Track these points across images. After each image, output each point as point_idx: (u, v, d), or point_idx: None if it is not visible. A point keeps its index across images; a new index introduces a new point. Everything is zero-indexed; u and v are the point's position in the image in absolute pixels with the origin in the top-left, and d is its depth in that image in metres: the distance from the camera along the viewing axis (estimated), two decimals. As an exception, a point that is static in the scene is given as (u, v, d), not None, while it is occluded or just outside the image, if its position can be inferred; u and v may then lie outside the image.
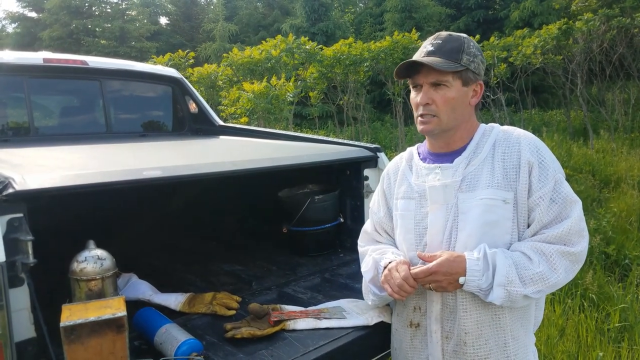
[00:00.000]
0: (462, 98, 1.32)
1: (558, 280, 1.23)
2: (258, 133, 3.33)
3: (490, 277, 1.22)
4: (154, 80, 3.52)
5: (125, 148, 2.59)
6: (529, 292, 1.22)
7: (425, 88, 1.31)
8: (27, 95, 3.13)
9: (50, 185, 1.43)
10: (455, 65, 1.28)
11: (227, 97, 6.31)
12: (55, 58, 3.07)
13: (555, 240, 1.23)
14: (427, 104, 1.31)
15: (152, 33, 17.43)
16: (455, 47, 1.30)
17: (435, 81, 1.29)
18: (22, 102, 3.12)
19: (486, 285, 1.22)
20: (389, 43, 7.32)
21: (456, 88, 1.30)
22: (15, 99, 3.20)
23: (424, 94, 1.31)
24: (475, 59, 1.32)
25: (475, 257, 1.23)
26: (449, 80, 1.29)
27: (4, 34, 19.95)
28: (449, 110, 1.30)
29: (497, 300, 1.22)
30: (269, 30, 17.36)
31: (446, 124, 1.32)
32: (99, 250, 1.43)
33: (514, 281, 1.21)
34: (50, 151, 2.38)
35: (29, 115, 3.09)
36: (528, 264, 1.22)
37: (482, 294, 1.24)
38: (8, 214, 1.35)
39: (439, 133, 1.35)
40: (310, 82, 7.17)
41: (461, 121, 1.34)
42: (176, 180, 1.80)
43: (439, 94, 1.30)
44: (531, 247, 1.24)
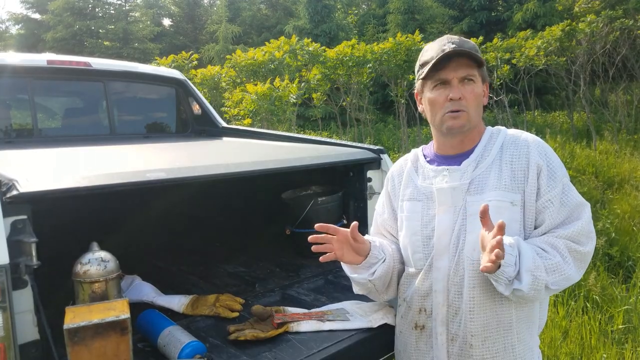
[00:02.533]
0: (482, 95, 1.34)
1: (571, 273, 1.22)
2: (261, 135, 3.33)
3: (517, 264, 1.18)
4: (158, 81, 3.53)
5: (129, 150, 2.60)
6: (550, 281, 1.20)
7: (454, 83, 1.30)
8: (30, 97, 3.14)
9: (54, 187, 1.43)
10: (481, 60, 1.30)
11: (230, 99, 6.32)
12: (59, 60, 3.08)
13: (565, 238, 1.24)
14: (460, 99, 1.29)
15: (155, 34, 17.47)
16: (472, 46, 1.33)
17: (465, 75, 1.29)
18: (26, 103, 3.13)
19: (514, 273, 1.17)
20: (392, 45, 7.31)
21: (479, 84, 1.32)
22: (19, 100, 3.22)
23: (455, 89, 1.29)
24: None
25: (508, 243, 1.18)
26: (475, 75, 1.30)
27: (8, 35, 20.05)
28: (475, 105, 1.32)
29: (525, 287, 1.16)
30: (272, 32, 17.38)
31: (473, 120, 1.32)
32: (102, 252, 1.43)
33: (540, 267, 1.19)
34: (54, 153, 2.39)
35: (32, 117, 3.10)
36: (545, 254, 1.21)
37: (506, 283, 1.18)
38: (12, 215, 1.35)
39: (468, 129, 1.33)
40: (313, 83, 7.17)
41: (480, 119, 1.36)
42: (179, 182, 1.79)
43: (467, 89, 1.30)
44: (543, 240, 1.24)
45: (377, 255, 1.41)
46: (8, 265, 1.30)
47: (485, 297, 1.28)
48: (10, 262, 1.30)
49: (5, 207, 1.33)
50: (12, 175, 1.43)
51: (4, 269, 1.30)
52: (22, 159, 2.15)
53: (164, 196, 2.29)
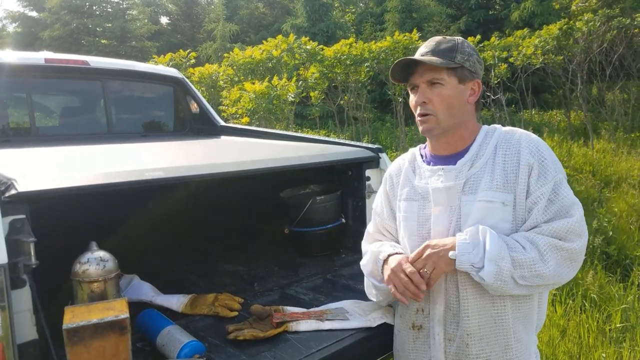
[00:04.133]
0: (458, 96, 1.32)
1: (547, 272, 1.21)
2: (259, 133, 3.33)
3: (481, 251, 1.20)
4: (156, 80, 3.52)
5: (127, 149, 2.59)
6: (517, 274, 1.20)
7: (421, 87, 1.33)
8: (28, 96, 3.13)
9: (52, 187, 1.42)
10: (449, 62, 1.29)
11: (228, 97, 6.31)
12: (57, 58, 3.06)
13: (550, 234, 1.22)
14: (424, 103, 1.33)
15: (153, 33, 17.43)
16: (449, 47, 1.32)
17: (431, 79, 1.31)
18: (23, 102, 3.12)
19: (478, 260, 1.20)
20: (389, 43, 7.31)
21: (451, 86, 1.31)
22: (16, 99, 3.20)
23: (420, 93, 1.33)
24: (471, 57, 1.33)
25: (464, 234, 1.25)
26: (443, 78, 1.30)
27: (5, 34, 19.93)
28: (445, 108, 1.31)
29: (487, 276, 1.19)
30: (269, 30, 17.34)
31: (444, 123, 1.33)
32: (101, 252, 1.43)
33: (505, 258, 1.20)
34: (52, 152, 2.38)
35: (30, 116, 3.09)
36: (519, 248, 1.22)
37: (475, 271, 1.21)
38: (10, 215, 1.35)
39: (439, 133, 1.36)
40: (311, 82, 7.17)
41: (460, 120, 1.34)
42: (178, 181, 1.80)
43: (434, 92, 1.31)
44: (523, 236, 1.24)
45: None
46: (7, 264, 1.30)
47: (480, 297, 1.28)
48: (9, 262, 1.30)
49: (4, 206, 1.32)
50: (11, 175, 1.43)
51: (2, 268, 1.29)
52: (20, 158, 2.14)
53: (162, 195, 2.29)
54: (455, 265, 1.23)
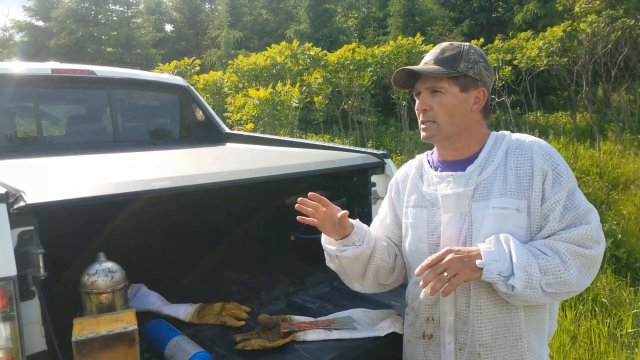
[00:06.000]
0: (460, 104, 1.32)
1: (570, 278, 1.19)
2: (264, 140, 3.33)
3: (507, 259, 1.18)
4: (161, 88, 3.54)
5: (133, 157, 2.60)
6: (544, 282, 1.18)
7: (423, 94, 1.33)
8: (35, 105, 3.15)
9: (60, 198, 1.43)
10: (450, 71, 1.29)
11: (233, 104, 6.33)
12: (63, 68, 3.08)
13: (569, 241, 1.21)
14: (425, 110, 1.33)
15: (157, 40, 17.58)
16: (453, 55, 1.32)
17: (432, 87, 1.31)
18: (30, 112, 3.15)
19: (505, 268, 1.17)
20: (392, 48, 7.32)
21: (453, 94, 1.31)
22: (24, 109, 3.23)
23: (421, 100, 1.34)
24: (476, 65, 1.32)
25: (487, 243, 1.22)
26: (444, 87, 1.30)
27: (12, 43, 20.17)
28: (446, 116, 1.31)
29: (518, 284, 1.16)
30: (273, 36, 17.41)
31: (445, 130, 1.32)
32: (109, 263, 1.43)
33: (532, 264, 1.18)
34: (59, 161, 2.39)
35: (37, 125, 3.11)
36: (543, 255, 1.20)
37: (502, 281, 1.18)
38: (19, 227, 1.35)
39: (440, 140, 1.36)
40: (314, 87, 7.18)
41: (462, 128, 1.34)
42: (184, 191, 1.80)
43: (435, 100, 1.31)
44: (543, 243, 1.23)
45: (355, 241, 1.42)
46: (16, 276, 1.31)
47: (493, 306, 1.26)
48: (18, 274, 1.30)
49: (13, 218, 1.33)
50: (19, 186, 1.44)
51: (11, 280, 1.30)
52: (28, 168, 2.15)
53: (168, 204, 2.29)
54: (482, 274, 1.19)
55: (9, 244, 1.30)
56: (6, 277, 1.29)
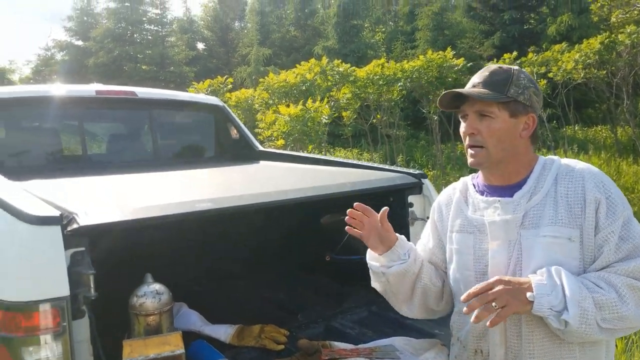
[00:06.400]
0: (510, 130, 1.28)
1: (628, 313, 1.14)
2: (297, 158, 3.36)
3: (560, 292, 1.13)
4: (198, 108, 3.64)
5: (173, 177, 2.67)
6: (600, 317, 1.13)
7: (470, 117, 1.30)
8: (80, 125, 3.28)
9: (110, 220, 1.48)
10: (500, 96, 1.26)
11: (264, 120, 6.43)
12: (107, 90, 3.21)
13: (625, 274, 1.16)
14: (472, 134, 1.29)
15: (190, 58, 18.11)
16: (502, 79, 1.29)
17: (480, 111, 1.28)
18: (76, 132, 3.28)
19: (557, 302, 1.12)
20: (422, 62, 7.30)
21: (502, 119, 1.27)
22: (70, 129, 3.37)
23: (468, 124, 1.30)
24: (526, 90, 1.29)
25: (538, 275, 1.17)
26: (494, 111, 1.27)
27: (53, 62, 21.18)
28: (495, 141, 1.27)
29: (573, 320, 1.11)
30: (300, 52, 17.65)
31: (494, 156, 1.29)
32: (157, 285, 1.47)
33: (587, 298, 1.12)
34: (104, 181, 2.47)
35: (82, 144, 3.24)
36: (598, 289, 1.15)
37: (554, 316, 1.13)
38: (72, 248, 1.40)
39: (489, 166, 1.32)
40: (343, 102, 7.23)
41: (512, 154, 1.30)
42: (225, 212, 1.83)
43: (483, 125, 1.28)
44: (597, 276, 1.17)
45: (400, 254, 1.39)
46: (69, 296, 1.35)
47: (547, 340, 1.21)
48: (70, 294, 1.35)
49: (66, 239, 1.38)
50: (72, 208, 1.49)
51: (65, 300, 1.35)
52: (76, 187, 2.23)
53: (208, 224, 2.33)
54: (533, 308, 1.14)
55: (63, 264, 1.36)
56: (60, 297, 1.34)
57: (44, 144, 3.06)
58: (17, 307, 1.30)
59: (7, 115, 2.91)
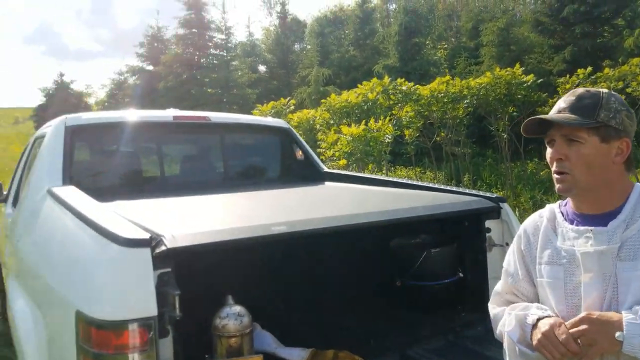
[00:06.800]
0: (600, 156, 1.19)
1: None
2: (363, 179, 3.34)
3: None
4: (266, 131, 3.76)
5: (244, 198, 2.75)
6: None
7: (558, 142, 1.23)
8: (158, 148, 3.49)
9: (195, 243, 1.54)
10: (589, 121, 1.18)
11: (325, 140, 6.49)
12: (183, 115, 3.39)
13: None
14: (560, 160, 1.22)
15: (252, 81, 18.77)
16: (591, 103, 1.20)
17: (568, 135, 1.20)
18: (154, 154, 3.49)
19: None
20: (489, 79, 7.07)
21: (592, 145, 1.19)
22: (149, 152, 3.60)
23: (556, 149, 1.23)
24: (618, 114, 1.20)
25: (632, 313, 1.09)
26: (583, 137, 1.19)
27: (126, 85, 22.87)
28: (583, 167, 1.19)
29: None
30: (359, 71, 17.77)
31: (583, 183, 1.20)
32: (238, 307, 1.50)
33: None
34: (182, 202, 2.59)
35: (160, 167, 3.44)
36: None
37: None
38: (159, 269, 1.46)
39: (578, 193, 1.23)
40: (405, 121, 7.14)
41: (602, 181, 1.21)
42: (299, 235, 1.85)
43: (572, 150, 1.20)
44: None
45: None
46: (156, 316, 1.41)
47: None
48: (158, 313, 1.41)
49: (154, 261, 1.44)
50: (159, 231, 1.57)
51: (152, 319, 1.40)
52: (158, 209, 2.35)
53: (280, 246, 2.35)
54: (623, 348, 1.07)
55: (152, 285, 1.42)
56: (148, 316, 1.40)
57: (125, 166, 3.27)
58: (109, 325, 1.37)
59: (92, 139, 3.14)
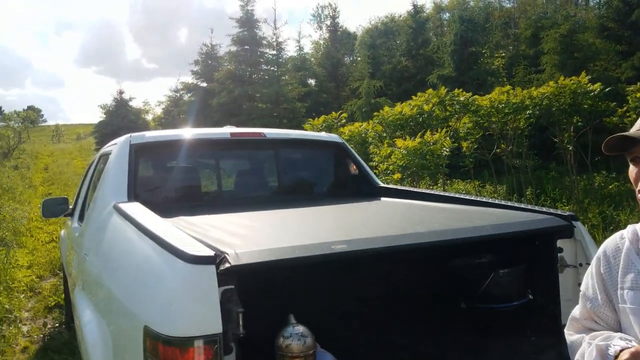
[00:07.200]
0: None
1: None
2: (420, 195, 3.24)
3: None
4: (320, 146, 3.76)
5: (301, 214, 2.74)
6: None
7: None
8: (216, 164, 3.59)
9: (257, 260, 1.54)
10: None
11: (378, 154, 6.41)
12: (239, 132, 3.47)
13: None
14: None
15: (302, 95, 19.02)
16: None
17: None
18: (212, 170, 3.59)
19: None
20: (553, 89, 6.70)
21: None
22: (207, 167, 3.71)
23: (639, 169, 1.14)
24: None
25: None
26: None
27: (181, 102, 23.90)
28: None
29: None
30: (411, 82, 17.51)
31: None
32: (300, 327, 1.48)
33: None
34: (241, 217, 2.61)
35: (217, 182, 3.53)
36: None
37: None
38: (222, 286, 1.47)
39: None
40: (462, 132, 6.91)
41: None
42: (359, 254, 1.81)
43: None
44: None
45: None
46: (222, 334, 1.41)
47: None
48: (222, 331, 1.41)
49: (219, 278, 1.45)
50: (223, 248, 1.59)
51: (217, 337, 1.41)
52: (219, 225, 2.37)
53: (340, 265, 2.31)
54: None
55: (217, 302, 1.43)
56: (214, 334, 1.40)
57: (185, 181, 3.39)
58: (176, 341, 1.39)
59: (155, 156, 3.28)
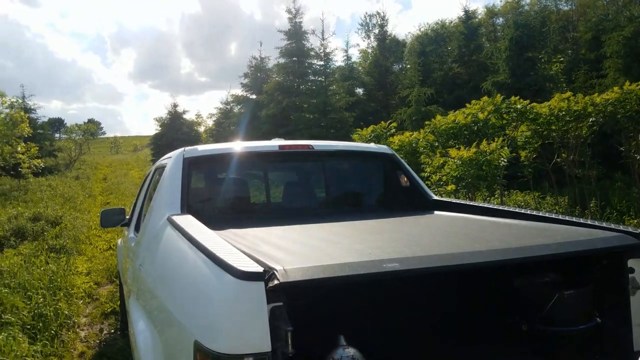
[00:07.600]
0: None
1: None
2: (477, 209, 3.08)
3: None
4: (369, 158, 3.69)
5: (351, 228, 2.68)
6: None
7: None
8: (265, 176, 3.63)
9: (305, 278, 1.51)
10: None
11: (430, 164, 6.23)
12: (288, 144, 3.48)
13: None
14: None
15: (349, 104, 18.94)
16: None
17: None
18: (262, 182, 3.63)
19: None
20: (618, 95, 6.23)
21: None
22: (256, 179, 3.75)
23: None
24: None
25: None
26: None
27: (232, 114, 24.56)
28: None
29: None
30: (464, 89, 17.01)
31: None
32: (351, 350, 1.43)
33: None
34: (289, 231, 2.59)
35: (267, 194, 3.56)
36: None
37: None
38: (271, 303, 1.45)
39: None
40: (520, 141, 6.57)
41: None
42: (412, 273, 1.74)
43: None
44: None
45: None
46: (270, 352, 1.39)
47: None
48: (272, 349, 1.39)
49: (268, 294, 1.43)
50: (272, 264, 1.57)
51: (267, 355, 1.39)
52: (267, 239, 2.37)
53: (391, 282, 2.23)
54: None
55: (266, 320, 1.41)
56: (264, 352, 1.39)
57: (235, 193, 3.43)
58: (226, 358, 1.38)
59: (207, 169, 3.36)
